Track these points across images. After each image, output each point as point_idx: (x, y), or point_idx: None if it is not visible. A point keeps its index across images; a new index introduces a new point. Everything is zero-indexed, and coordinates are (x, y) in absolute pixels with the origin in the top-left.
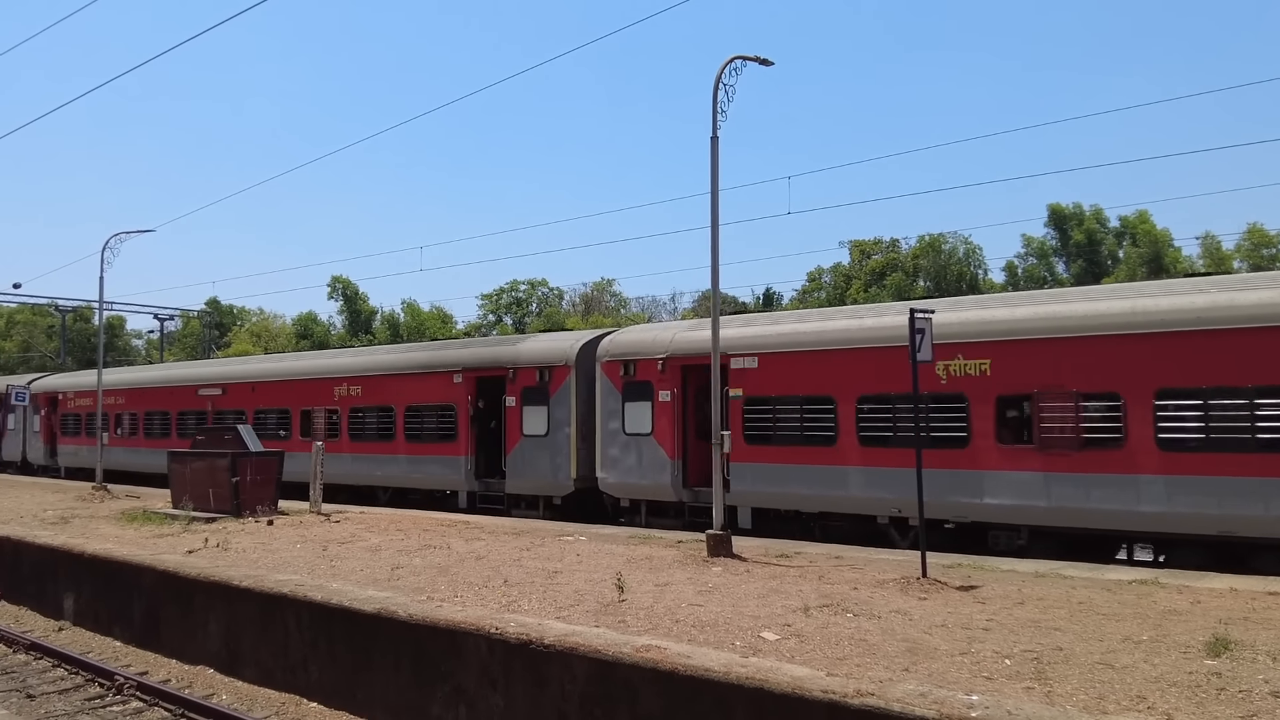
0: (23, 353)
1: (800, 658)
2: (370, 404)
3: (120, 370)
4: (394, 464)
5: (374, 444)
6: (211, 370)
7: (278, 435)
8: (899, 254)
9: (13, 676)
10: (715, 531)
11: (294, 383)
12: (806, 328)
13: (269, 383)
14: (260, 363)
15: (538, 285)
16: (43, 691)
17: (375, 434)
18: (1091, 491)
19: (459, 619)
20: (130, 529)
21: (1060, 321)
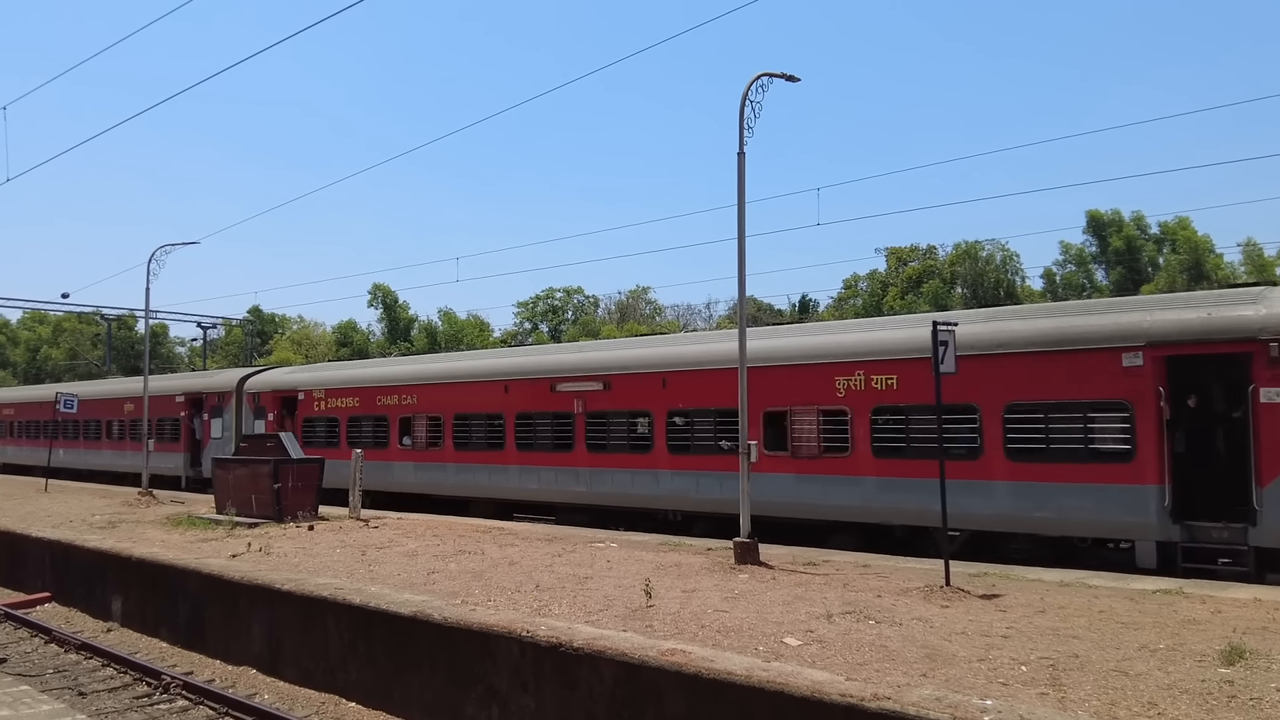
0: (70, 360)
1: (821, 663)
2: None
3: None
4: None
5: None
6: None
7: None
8: (936, 261)
9: (65, 675)
10: (742, 539)
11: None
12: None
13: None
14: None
15: (573, 293)
16: (93, 689)
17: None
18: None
19: (492, 622)
20: (175, 533)
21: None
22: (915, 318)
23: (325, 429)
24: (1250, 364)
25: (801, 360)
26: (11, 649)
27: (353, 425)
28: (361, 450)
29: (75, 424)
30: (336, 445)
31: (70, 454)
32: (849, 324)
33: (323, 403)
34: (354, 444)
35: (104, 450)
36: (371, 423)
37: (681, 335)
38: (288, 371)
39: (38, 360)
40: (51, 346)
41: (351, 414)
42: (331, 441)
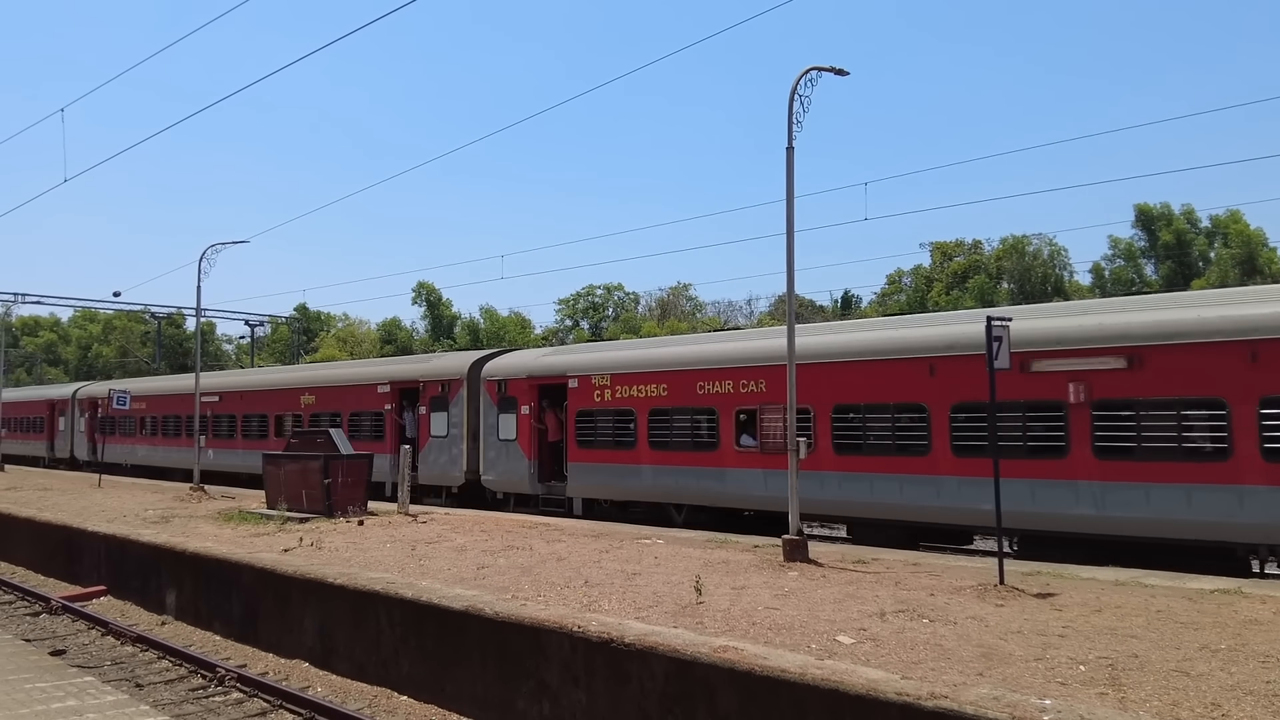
0: (120, 358)
1: (875, 661)
2: None
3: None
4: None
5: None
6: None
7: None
8: (981, 256)
9: (122, 667)
10: (791, 536)
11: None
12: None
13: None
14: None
15: (614, 290)
16: (150, 681)
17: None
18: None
19: (543, 617)
20: (227, 528)
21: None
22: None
23: (612, 425)
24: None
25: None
26: (70, 641)
27: (657, 420)
28: (409, 446)
29: (226, 419)
30: (630, 446)
31: (223, 454)
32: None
33: (607, 391)
34: (659, 444)
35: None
36: (689, 417)
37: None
38: (548, 353)
39: (89, 358)
40: (102, 344)
41: (656, 405)
42: (623, 441)
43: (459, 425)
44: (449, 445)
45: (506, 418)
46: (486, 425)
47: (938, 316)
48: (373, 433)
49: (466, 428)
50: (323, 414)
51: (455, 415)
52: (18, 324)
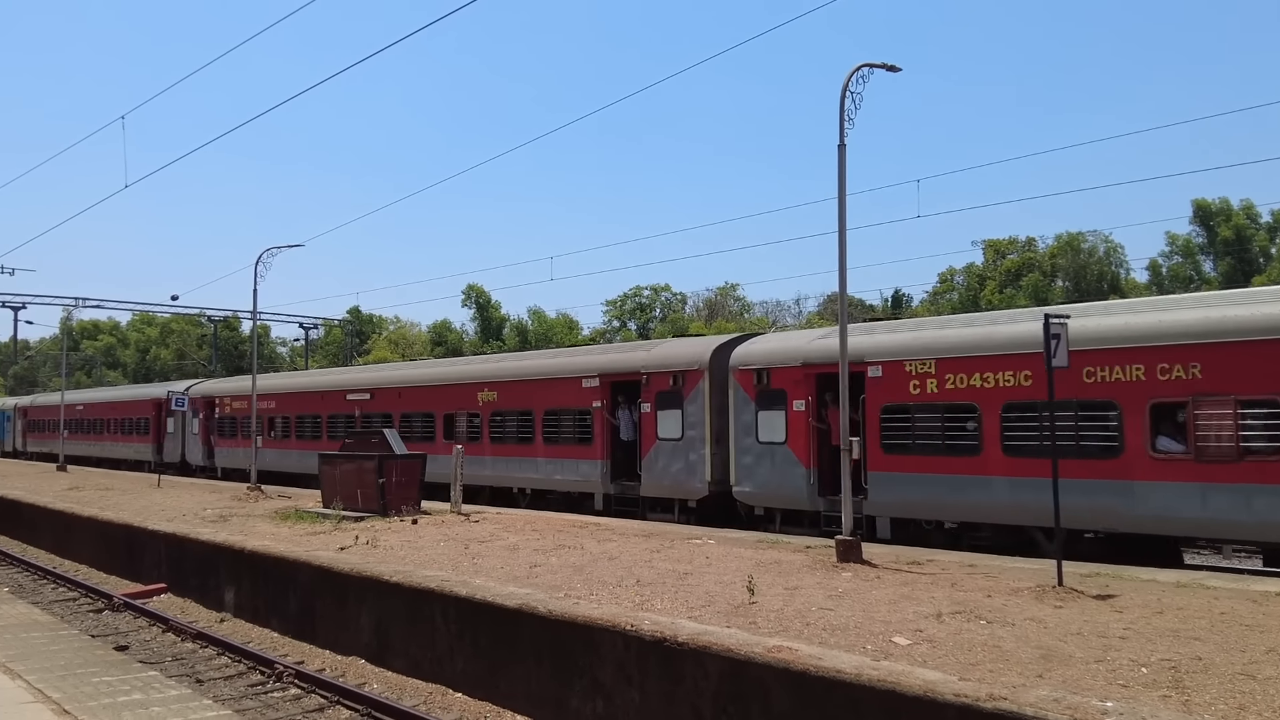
0: (178, 360)
1: (932, 662)
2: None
3: None
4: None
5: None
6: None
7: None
8: (1035, 253)
9: (183, 663)
10: (845, 537)
11: None
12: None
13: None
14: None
15: (660, 291)
16: (210, 677)
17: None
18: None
19: (596, 615)
20: (284, 527)
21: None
22: None
23: (941, 424)
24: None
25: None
26: (132, 637)
27: (1015, 418)
28: (461, 446)
29: (379, 420)
30: (971, 451)
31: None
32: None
33: (931, 381)
34: (1018, 448)
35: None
36: (1072, 413)
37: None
38: (826, 334)
39: (147, 361)
40: (160, 347)
41: (1013, 398)
42: (959, 445)
43: (698, 425)
44: (684, 450)
45: (770, 415)
46: (740, 425)
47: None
48: (576, 434)
49: (709, 428)
50: (508, 412)
51: (693, 413)
52: (78, 328)
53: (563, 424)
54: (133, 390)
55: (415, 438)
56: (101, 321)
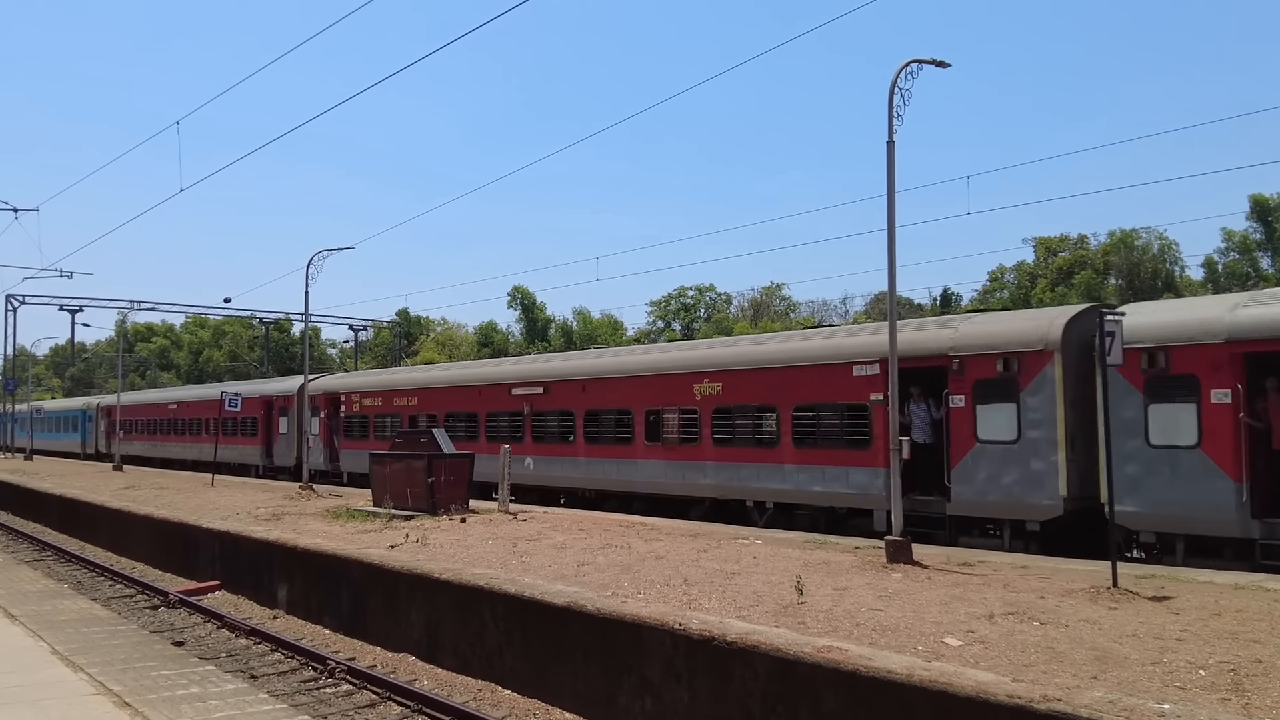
0: (230, 362)
1: (985, 663)
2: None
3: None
4: None
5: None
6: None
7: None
8: (1088, 251)
9: (237, 658)
10: (894, 537)
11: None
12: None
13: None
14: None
15: (705, 291)
16: (264, 673)
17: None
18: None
19: (644, 614)
20: (336, 525)
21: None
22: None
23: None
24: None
25: None
26: (188, 633)
27: None
28: (509, 446)
29: (555, 417)
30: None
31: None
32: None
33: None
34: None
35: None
36: None
37: None
38: (1249, 301)
39: (199, 362)
40: (213, 349)
41: None
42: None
43: (1045, 424)
44: (1021, 456)
45: (1170, 411)
46: (1123, 422)
47: None
48: (845, 435)
49: (1062, 426)
50: (737, 408)
51: (1037, 407)
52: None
53: (823, 422)
54: (236, 387)
55: (607, 440)
56: (156, 324)
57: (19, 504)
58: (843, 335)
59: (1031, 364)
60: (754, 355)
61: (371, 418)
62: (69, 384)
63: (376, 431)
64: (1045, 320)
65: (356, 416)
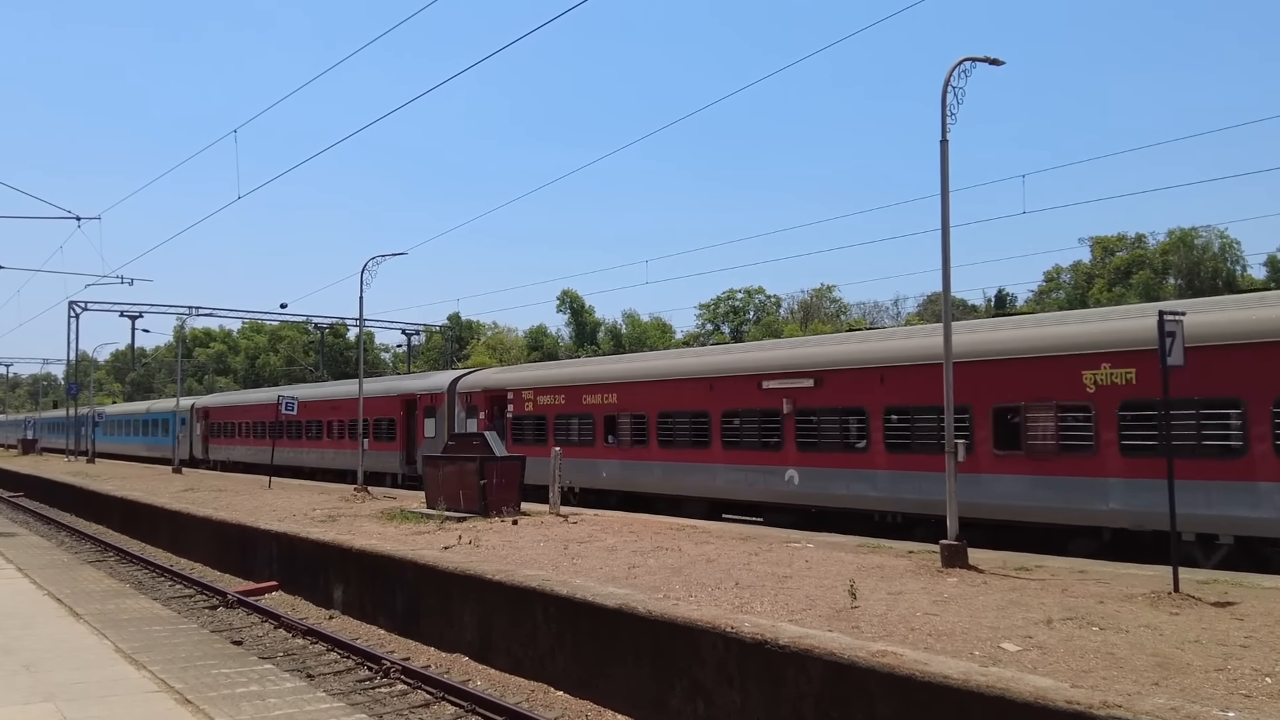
0: (286, 366)
1: (1042, 669)
2: None
3: None
4: None
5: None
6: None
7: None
8: (1145, 250)
9: (294, 658)
10: (950, 542)
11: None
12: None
13: None
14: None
15: (754, 293)
16: (320, 672)
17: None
18: None
19: (695, 617)
20: (390, 527)
21: None
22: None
23: None
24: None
25: None
26: (246, 633)
27: None
28: (559, 449)
29: (825, 416)
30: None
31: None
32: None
33: None
34: None
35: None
36: None
37: None
38: None
39: (256, 367)
40: (269, 354)
41: None
42: None
43: None
44: None
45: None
46: None
47: None
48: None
49: None
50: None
51: None
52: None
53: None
54: (371, 384)
55: (923, 447)
56: (213, 329)
57: (82, 506)
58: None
59: None
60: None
61: (551, 418)
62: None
63: (560, 434)
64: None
65: (529, 417)
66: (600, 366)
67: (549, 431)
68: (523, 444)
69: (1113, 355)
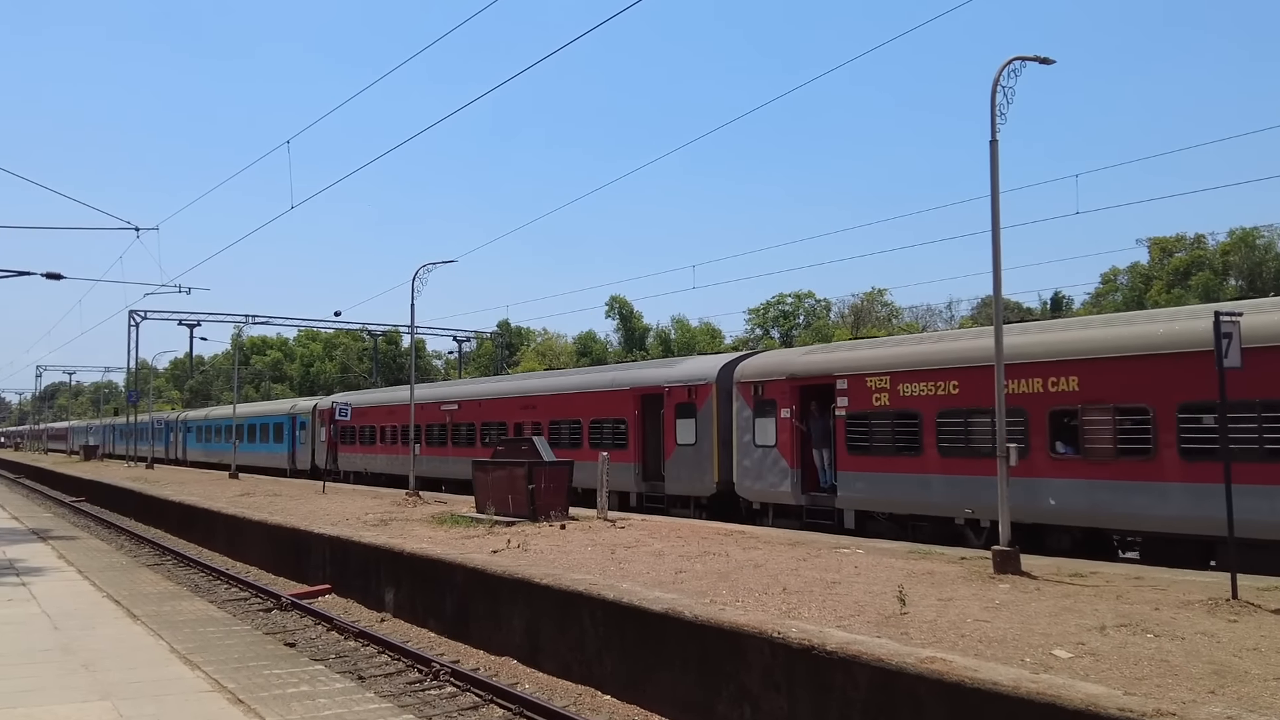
0: (341, 373)
1: (1095, 676)
2: None
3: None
4: None
5: None
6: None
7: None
8: (1205, 251)
9: (346, 660)
10: (1002, 548)
11: None
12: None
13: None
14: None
15: (804, 298)
16: (371, 674)
17: None
18: None
19: (742, 622)
20: (440, 531)
21: None
22: None
23: None
24: None
25: None
26: (299, 635)
27: None
28: (607, 454)
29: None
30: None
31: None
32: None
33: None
34: None
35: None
36: None
37: None
38: None
39: (311, 374)
40: (324, 361)
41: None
42: None
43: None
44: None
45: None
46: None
47: None
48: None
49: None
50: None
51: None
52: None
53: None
54: (585, 376)
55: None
56: (270, 337)
57: (141, 511)
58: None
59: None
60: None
61: (928, 417)
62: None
63: (964, 440)
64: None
65: (883, 416)
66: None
67: (923, 434)
68: (863, 451)
69: None
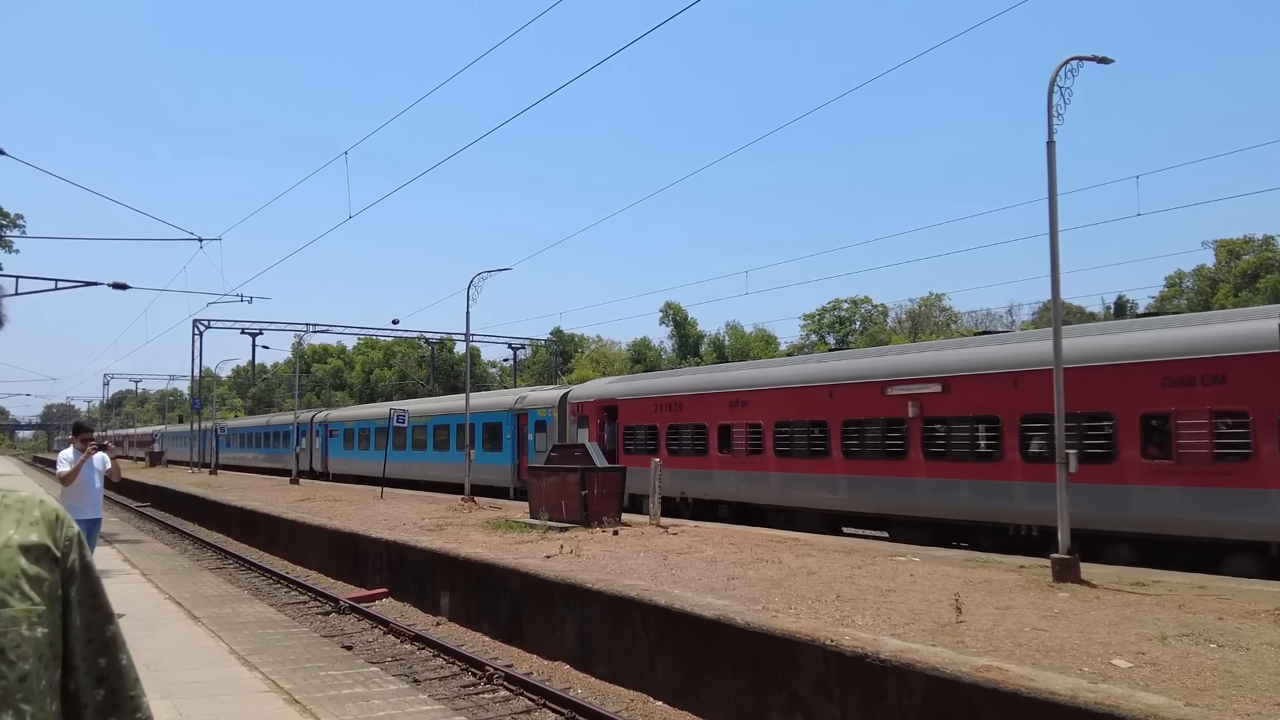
0: (399, 380)
1: (1155, 686)
2: None
3: None
4: None
5: None
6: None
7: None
8: (1275, 252)
9: (401, 663)
10: (1061, 555)
11: None
12: None
13: None
14: None
15: (860, 303)
16: (426, 677)
17: None
18: None
19: (794, 629)
20: (495, 536)
21: None
22: None
23: None
24: None
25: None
26: (356, 638)
27: None
28: (659, 460)
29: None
30: None
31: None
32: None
33: None
34: None
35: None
36: None
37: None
38: None
39: (370, 382)
40: (383, 369)
41: None
42: None
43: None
44: None
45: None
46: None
47: None
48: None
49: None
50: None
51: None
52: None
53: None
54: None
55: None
56: (330, 346)
57: (204, 516)
58: None
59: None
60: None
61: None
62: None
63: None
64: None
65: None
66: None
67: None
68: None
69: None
